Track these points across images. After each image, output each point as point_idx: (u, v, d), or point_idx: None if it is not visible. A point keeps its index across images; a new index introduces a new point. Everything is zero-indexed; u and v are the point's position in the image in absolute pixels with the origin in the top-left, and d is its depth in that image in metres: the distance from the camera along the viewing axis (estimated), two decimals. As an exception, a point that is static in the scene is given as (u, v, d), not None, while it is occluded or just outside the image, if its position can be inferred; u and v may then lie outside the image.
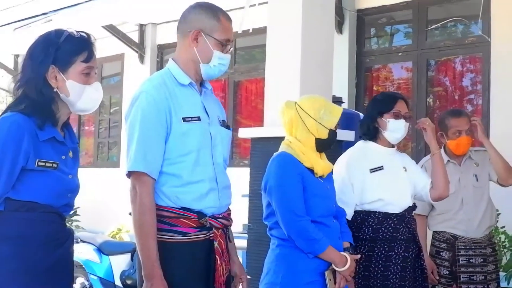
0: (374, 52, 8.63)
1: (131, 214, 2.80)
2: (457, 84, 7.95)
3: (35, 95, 2.64)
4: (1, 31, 11.14)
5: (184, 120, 2.80)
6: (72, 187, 2.77)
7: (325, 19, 5.36)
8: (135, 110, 2.78)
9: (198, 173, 2.82)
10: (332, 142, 3.44)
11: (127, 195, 2.83)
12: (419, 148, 7.87)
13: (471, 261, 4.33)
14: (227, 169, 3.00)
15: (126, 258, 6.32)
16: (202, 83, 3.00)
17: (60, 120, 2.74)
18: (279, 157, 3.34)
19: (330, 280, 3.24)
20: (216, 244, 2.84)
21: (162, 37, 10.68)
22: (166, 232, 2.77)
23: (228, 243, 2.97)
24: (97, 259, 6.48)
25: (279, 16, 5.34)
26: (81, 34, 2.76)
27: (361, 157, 3.74)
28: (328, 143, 3.41)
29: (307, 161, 3.32)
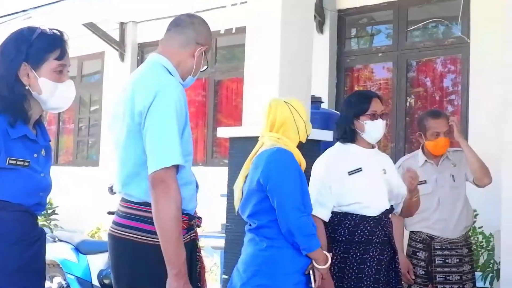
0: (354, 52, 8.65)
1: (111, 213, 2.75)
2: (437, 84, 7.99)
3: (6, 92, 2.60)
4: (-20, 28, 11.05)
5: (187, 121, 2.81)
6: (44, 185, 2.72)
7: (304, 18, 5.35)
8: (167, 102, 2.66)
9: (192, 174, 2.84)
10: (301, 148, 3.52)
11: (106, 193, 2.79)
12: (398, 148, 7.90)
13: (447, 261, 4.34)
14: (207, 169, 3.00)
15: (103, 257, 6.26)
16: None
17: (32, 118, 2.70)
18: (278, 152, 3.34)
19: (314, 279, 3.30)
20: (198, 243, 2.89)
21: (143, 35, 10.64)
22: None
23: None
24: (74, 258, 6.41)
25: (258, 15, 5.32)
26: (54, 31, 2.73)
27: (340, 159, 3.73)
28: (302, 147, 3.51)
29: (297, 158, 3.38)
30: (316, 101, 6.38)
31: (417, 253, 4.42)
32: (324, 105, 7.54)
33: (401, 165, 4.57)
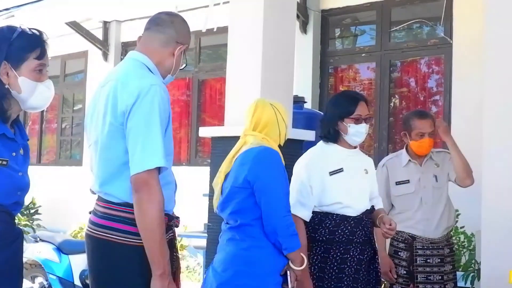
0: (338, 53, 8.68)
1: (90, 212, 2.73)
2: (419, 85, 8.03)
3: None
4: (-38, 26, 10.96)
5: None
6: (22, 184, 2.70)
7: (286, 18, 5.36)
8: (150, 103, 2.63)
9: (171, 174, 2.83)
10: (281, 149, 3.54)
11: (89, 193, 2.77)
12: (381, 148, 7.93)
13: (428, 261, 4.36)
14: (190, 168, 2.99)
15: (86, 257, 6.23)
16: None
17: (11, 117, 2.69)
18: (266, 151, 3.35)
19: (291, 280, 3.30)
20: (176, 243, 2.88)
21: (127, 34, 10.61)
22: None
23: None
24: (56, 258, 6.37)
25: (240, 15, 5.33)
26: (34, 31, 2.72)
27: (321, 159, 3.72)
28: (280, 150, 3.51)
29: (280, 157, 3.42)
30: (299, 101, 6.40)
31: (399, 253, 4.43)
32: (308, 105, 7.56)
33: (385, 164, 4.59)
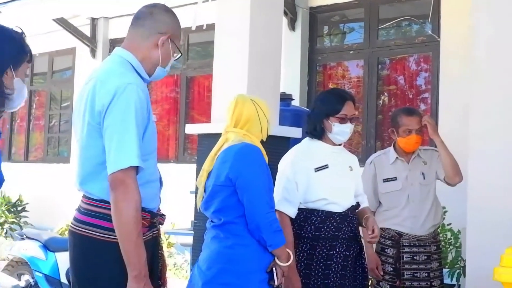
0: (326, 50, 8.68)
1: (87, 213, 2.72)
2: (407, 82, 8.04)
3: None
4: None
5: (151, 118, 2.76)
6: None
7: (273, 16, 5.35)
8: (125, 102, 2.62)
9: (154, 172, 2.81)
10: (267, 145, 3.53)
11: (76, 191, 2.76)
12: (369, 145, 7.94)
13: (415, 258, 4.36)
14: (178, 165, 2.96)
15: (71, 254, 6.20)
16: None
17: None
18: (247, 148, 3.33)
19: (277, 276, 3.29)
20: (161, 241, 2.86)
21: (115, 31, 10.57)
22: None
23: None
24: (42, 255, 6.34)
25: (227, 12, 5.31)
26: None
27: (306, 156, 3.72)
28: (262, 145, 3.49)
29: (263, 154, 3.40)
30: (287, 98, 6.39)
31: (386, 250, 4.43)
32: (295, 102, 7.55)
33: (373, 161, 4.59)
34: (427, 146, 4.74)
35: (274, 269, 3.27)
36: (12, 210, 10.57)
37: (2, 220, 10.58)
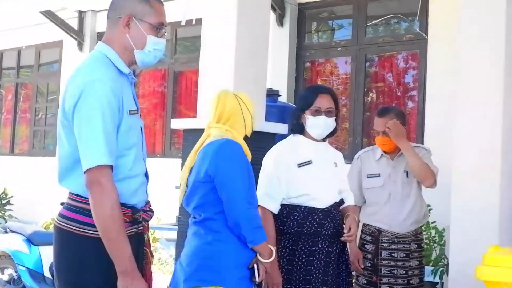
0: (314, 46, 8.67)
1: (63, 204, 2.69)
2: (394, 80, 8.05)
3: None
4: None
5: (130, 113, 2.70)
6: None
7: (260, 11, 5.34)
8: (92, 100, 2.58)
9: (136, 167, 2.75)
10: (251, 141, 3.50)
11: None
12: (355, 142, 7.94)
13: (393, 255, 4.37)
14: (165, 160, 2.92)
15: (55, 249, 6.17)
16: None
17: None
18: (227, 144, 3.30)
19: (258, 273, 3.27)
20: (146, 237, 2.81)
21: (102, 24, 10.49)
22: None
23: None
24: (26, 249, 6.32)
25: (214, 6, 5.29)
26: None
27: (289, 151, 3.72)
28: (247, 141, 3.46)
29: (244, 150, 3.36)
30: (273, 94, 6.39)
31: (366, 245, 4.45)
32: (283, 98, 7.56)
33: (360, 156, 4.61)
34: (414, 143, 4.73)
35: (255, 265, 3.26)
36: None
37: (-14, 213, 10.52)
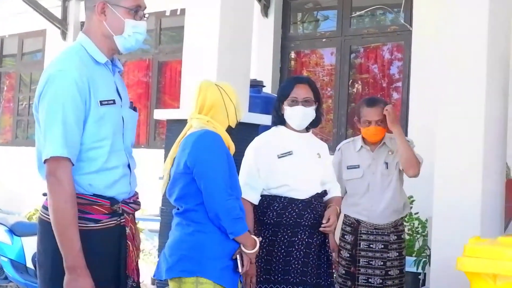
0: (299, 37, 8.66)
1: (45, 195, 2.68)
2: (379, 71, 8.05)
3: None
4: None
5: (101, 103, 2.67)
6: None
7: (244, 1, 5.30)
8: (54, 90, 2.58)
9: (113, 159, 2.73)
10: (231, 134, 3.47)
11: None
12: (340, 133, 7.95)
13: (371, 246, 4.38)
14: (149, 151, 2.89)
15: (39, 239, 6.14)
16: (113, 62, 2.88)
17: None
18: (206, 135, 3.29)
19: (241, 264, 3.26)
20: (128, 230, 2.78)
21: (86, 14, 10.42)
22: (78, 220, 2.61)
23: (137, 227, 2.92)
24: (8, 240, 6.28)
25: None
26: None
27: (271, 142, 3.72)
28: (231, 133, 3.45)
29: (226, 141, 3.34)
30: (258, 85, 6.37)
31: (345, 236, 4.46)
32: (268, 89, 7.54)
33: (341, 147, 4.60)
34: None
35: (238, 256, 3.25)
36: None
37: (-31, 203, 10.45)
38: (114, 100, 2.73)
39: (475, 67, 4.45)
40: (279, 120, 3.77)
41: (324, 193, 3.78)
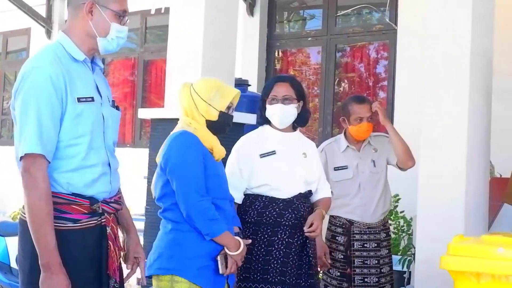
0: (284, 36, 8.66)
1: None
2: (365, 70, 8.07)
3: None
4: None
5: (79, 100, 2.64)
6: None
7: (229, 0, 5.30)
8: (28, 87, 2.57)
9: (92, 157, 2.70)
10: (225, 125, 3.39)
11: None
12: (325, 132, 7.95)
13: (365, 245, 4.39)
14: (134, 150, 2.86)
15: (22, 240, 6.09)
16: (93, 60, 2.86)
17: None
18: (181, 135, 3.28)
19: (222, 265, 3.22)
20: (109, 230, 2.75)
21: (71, 12, 10.37)
22: (56, 220, 2.59)
23: (118, 227, 2.89)
24: (-8, 240, 6.24)
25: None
26: None
27: (254, 142, 3.71)
28: (220, 126, 3.38)
29: (207, 142, 3.31)
30: (243, 84, 6.34)
31: (337, 238, 4.44)
32: (253, 88, 7.52)
33: (324, 149, 4.58)
34: (377, 132, 4.74)
35: (218, 257, 3.22)
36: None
37: (-47, 203, 10.37)
38: (92, 98, 2.71)
39: (459, 67, 4.46)
40: (263, 120, 3.76)
41: (309, 193, 3.76)
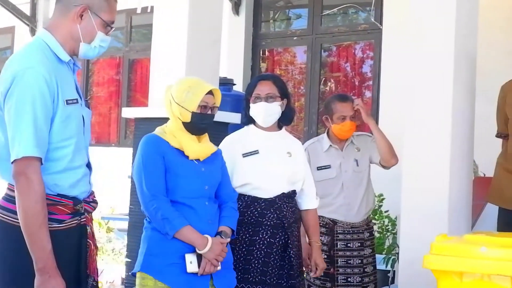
0: (270, 35, 8.66)
1: (7, 197, 2.63)
2: (350, 69, 8.08)
3: None
4: None
5: (67, 102, 2.63)
6: None
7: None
8: (22, 88, 2.52)
9: (77, 158, 2.71)
10: (199, 125, 3.34)
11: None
12: (310, 132, 7.96)
13: (348, 245, 4.39)
14: (119, 149, 2.85)
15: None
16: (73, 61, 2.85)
17: None
18: (144, 138, 3.34)
19: (191, 263, 3.19)
20: (89, 229, 2.77)
21: (56, 11, 10.32)
22: None
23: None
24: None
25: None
26: None
27: (237, 142, 3.70)
28: (194, 126, 3.33)
29: (177, 143, 3.29)
30: (228, 83, 6.35)
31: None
32: (238, 87, 7.51)
33: (307, 148, 4.56)
34: (360, 132, 4.75)
35: (186, 255, 3.19)
36: None
37: None
38: (77, 100, 2.71)
39: (443, 67, 4.47)
40: (248, 119, 3.75)
41: (293, 193, 3.74)
